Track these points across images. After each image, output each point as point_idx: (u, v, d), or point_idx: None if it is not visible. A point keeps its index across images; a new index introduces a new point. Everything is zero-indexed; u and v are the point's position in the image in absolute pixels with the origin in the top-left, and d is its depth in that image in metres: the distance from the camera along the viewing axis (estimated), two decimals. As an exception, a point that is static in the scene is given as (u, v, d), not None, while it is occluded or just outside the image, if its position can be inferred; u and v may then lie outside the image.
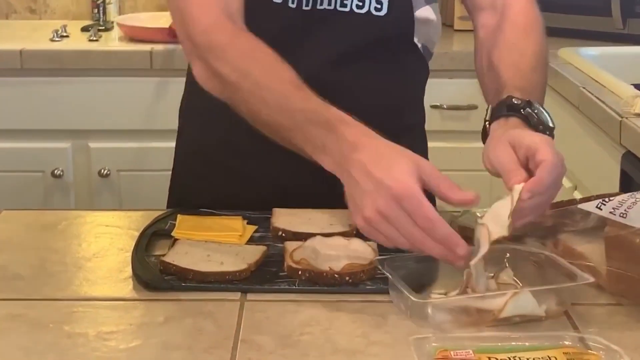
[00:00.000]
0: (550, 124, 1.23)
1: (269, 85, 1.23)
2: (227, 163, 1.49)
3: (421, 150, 1.60)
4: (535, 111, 1.23)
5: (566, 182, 2.29)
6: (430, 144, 1.58)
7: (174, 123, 1.60)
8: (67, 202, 2.73)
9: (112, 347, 1.02)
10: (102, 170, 2.70)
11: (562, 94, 2.35)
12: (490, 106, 1.28)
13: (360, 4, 1.40)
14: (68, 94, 2.66)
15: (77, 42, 2.77)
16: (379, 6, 1.40)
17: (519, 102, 1.23)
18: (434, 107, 2.62)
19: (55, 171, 2.69)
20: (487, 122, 1.27)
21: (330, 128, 1.16)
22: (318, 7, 1.40)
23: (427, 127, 1.59)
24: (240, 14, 1.33)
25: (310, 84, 1.31)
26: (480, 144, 1.27)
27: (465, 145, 2.64)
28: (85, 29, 2.89)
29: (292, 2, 1.38)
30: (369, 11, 1.40)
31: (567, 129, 2.27)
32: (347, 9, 1.40)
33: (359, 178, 1.11)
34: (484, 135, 1.27)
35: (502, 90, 1.28)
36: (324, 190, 1.42)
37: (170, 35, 2.63)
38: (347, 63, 1.42)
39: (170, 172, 1.59)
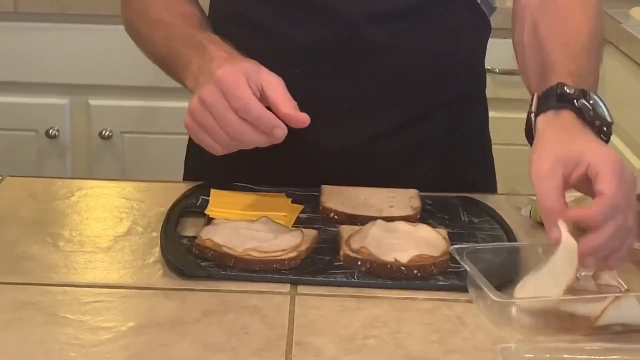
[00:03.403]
0: (608, 119, 1.14)
1: (162, 20, 1.35)
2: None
3: (481, 122, 1.54)
4: (591, 102, 1.14)
5: (637, 163, 2.24)
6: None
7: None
8: (63, 166, 2.68)
9: (147, 344, 0.97)
10: (104, 132, 2.65)
11: (636, 59, 2.29)
12: (535, 95, 1.18)
13: None
14: (67, 43, 2.60)
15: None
16: None
17: (573, 91, 1.14)
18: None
19: (50, 131, 2.64)
20: (532, 115, 1.17)
21: (201, 48, 1.25)
22: None
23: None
24: None
25: (350, 44, 1.33)
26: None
27: (519, 116, 2.56)
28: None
29: None
30: None
31: (641, 101, 2.21)
32: None
33: (203, 80, 1.18)
34: (529, 131, 1.17)
35: (549, 74, 1.20)
36: (372, 167, 1.37)
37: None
38: (391, 20, 1.35)
39: (180, 137, 1.54)
